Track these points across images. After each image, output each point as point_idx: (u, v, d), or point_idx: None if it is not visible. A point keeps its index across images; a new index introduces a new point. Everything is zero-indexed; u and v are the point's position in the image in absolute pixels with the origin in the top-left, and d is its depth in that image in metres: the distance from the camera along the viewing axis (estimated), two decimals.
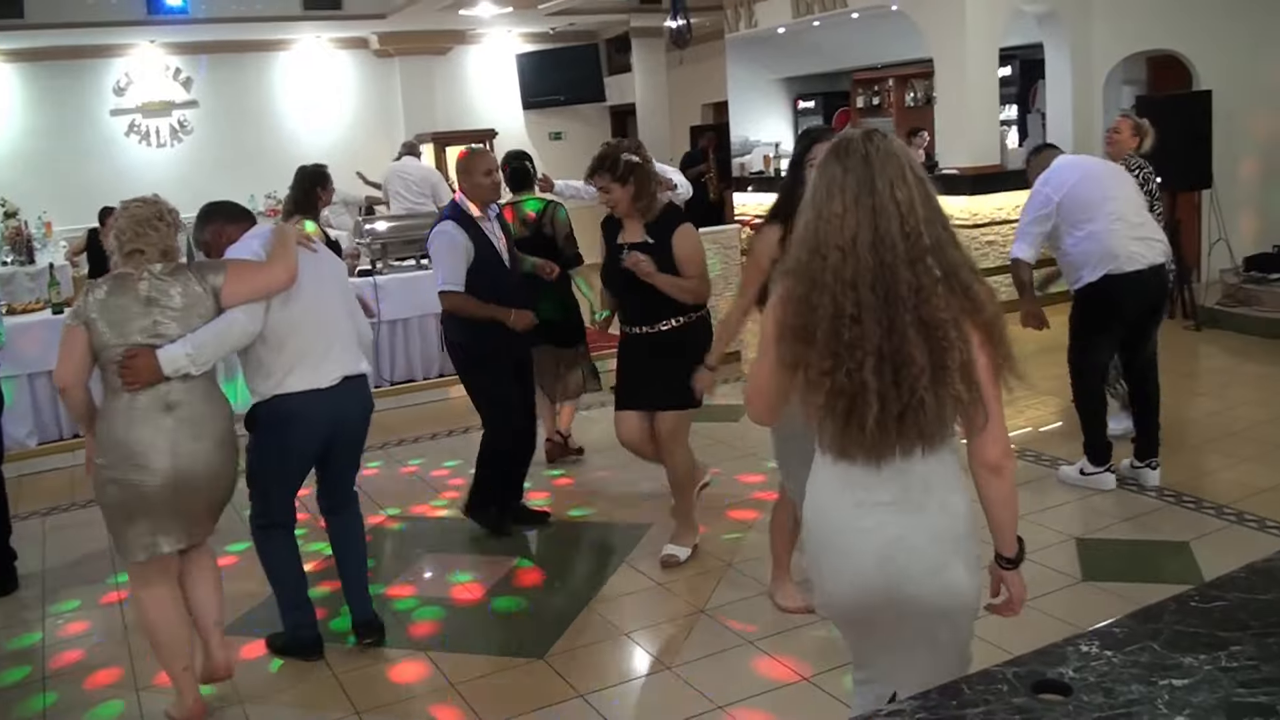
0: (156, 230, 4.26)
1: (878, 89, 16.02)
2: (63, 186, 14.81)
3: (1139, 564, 5.30)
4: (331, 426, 4.68)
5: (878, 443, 2.54)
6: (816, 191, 2.58)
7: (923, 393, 2.49)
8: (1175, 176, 10.24)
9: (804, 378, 2.56)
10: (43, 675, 4.99)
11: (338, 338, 4.69)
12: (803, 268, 2.55)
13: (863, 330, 2.48)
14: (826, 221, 2.53)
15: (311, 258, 4.63)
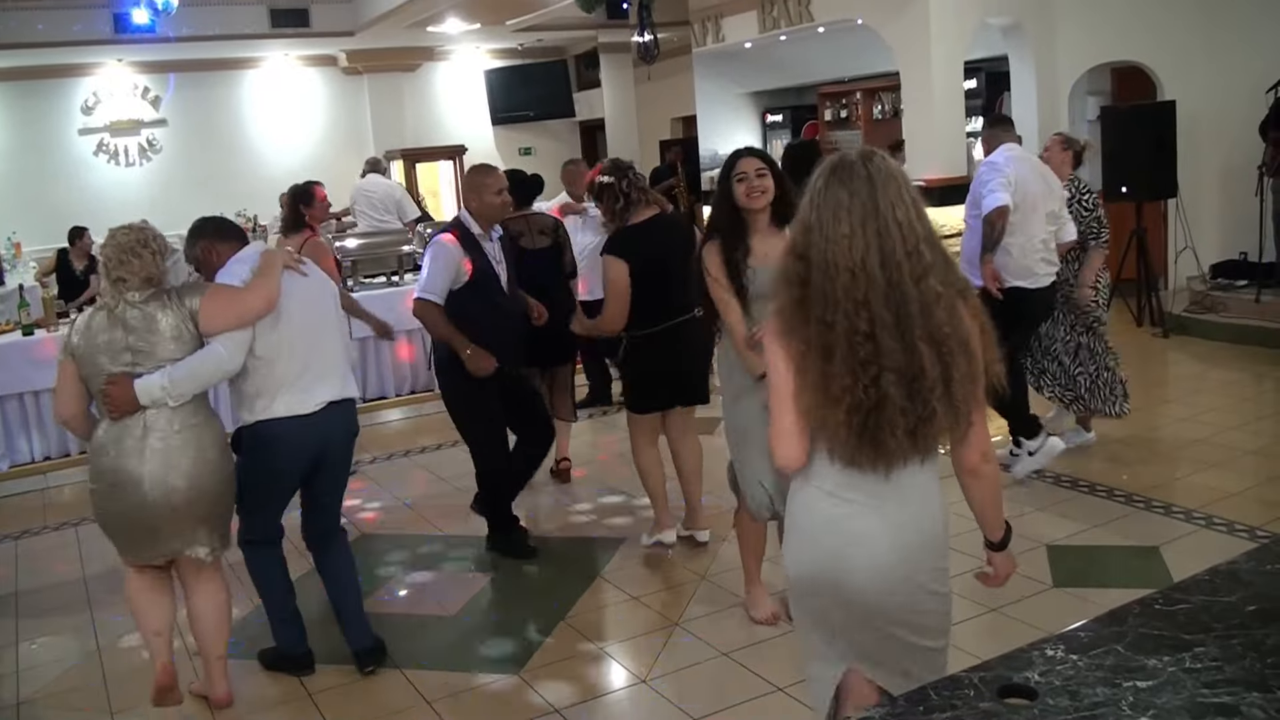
0: (139, 257, 4.27)
1: (845, 102, 16.08)
2: (31, 206, 14.78)
3: (1109, 569, 5.34)
4: (316, 450, 4.66)
5: (895, 453, 2.63)
6: (821, 213, 2.63)
7: (935, 404, 2.60)
8: (1141, 186, 10.35)
9: (823, 395, 2.61)
10: (16, 701, 4.96)
11: (325, 362, 4.66)
12: (815, 289, 2.61)
13: (878, 346, 2.56)
14: (834, 243, 2.59)
15: (301, 281, 4.60)
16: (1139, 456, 6.95)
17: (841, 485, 2.73)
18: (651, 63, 14.30)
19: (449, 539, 6.60)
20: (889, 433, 2.59)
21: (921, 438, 2.63)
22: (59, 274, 11.35)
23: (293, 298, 4.49)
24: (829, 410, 2.61)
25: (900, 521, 2.73)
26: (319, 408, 4.59)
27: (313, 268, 4.86)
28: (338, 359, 4.75)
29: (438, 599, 5.69)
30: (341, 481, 4.97)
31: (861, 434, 2.60)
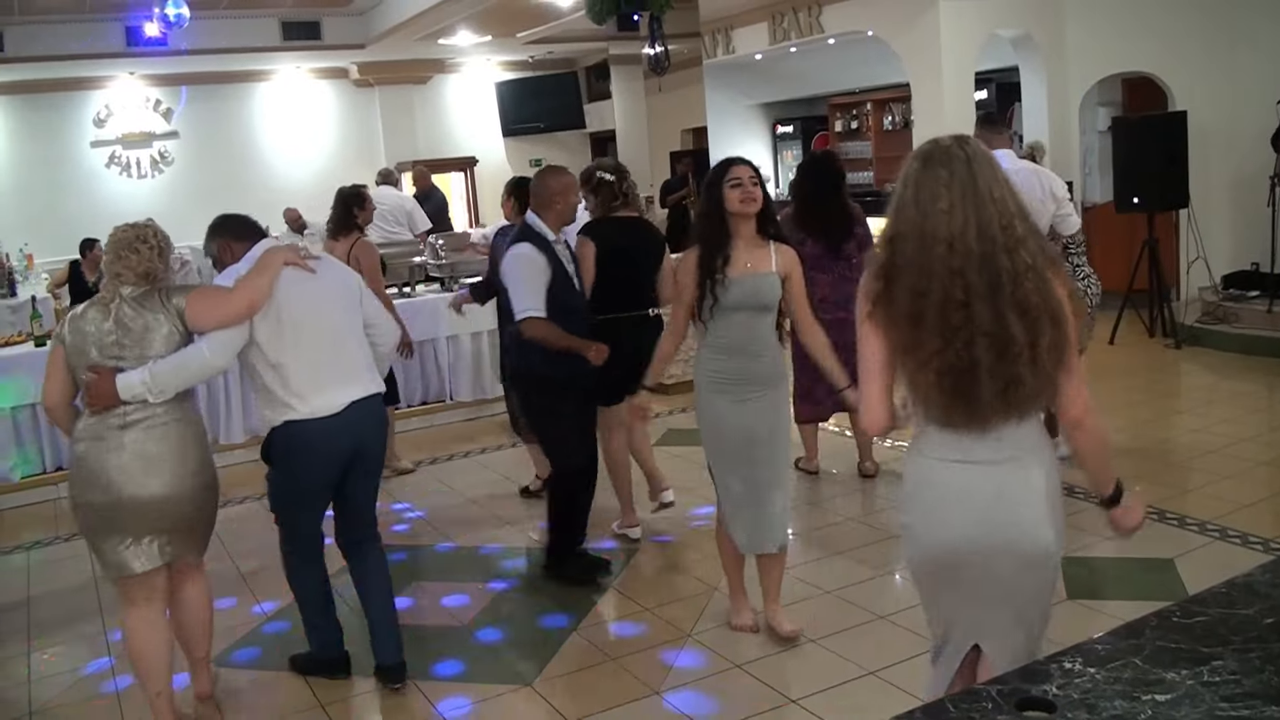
0: (137, 253, 4.29)
1: (856, 113, 16.12)
2: (44, 218, 14.83)
3: (1124, 581, 5.31)
4: (346, 452, 4.58)
5: (989, 413, 2.81)
6: (919, 191, 2.82)
7: (1022, 369, 2.76)
8: (1152, 196, 10.33)
9: (913, 359, 2.81)
10: (28, 710, 4.96)
11: (344, 361, 4.58)
12: (909, 260, 2.80)
13: (970, 313, 2.74)
14: (932, 218, 2.77)
15: (309, 279, 4.51)
16: (1152, 468, 6.92)
17: (942, 447, 2.92)
18: (663, 74, 14.30)
19: (461, 549, 6.59)
20: (980, 393, 2.77)
21: (1013, 399, 2.80)
22: (71, 285, 11.35)
23: (297, 299, 4.44)
24: (919, 373, 2.82)
25: (1009, 476, 2.89)
26: (342, 408, 4.50)
27: (330, 265, 4.79)
28: (355, 356, 4.64)
29: (450, 610, 5.68)
30: (373, 483, 4.88)
31: (954, 394, 2.80)
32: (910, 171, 2.86)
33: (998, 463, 2.88)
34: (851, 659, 4.67)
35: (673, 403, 9.48)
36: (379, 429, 4.77)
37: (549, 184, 5.76)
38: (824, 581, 5.51)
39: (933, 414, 2.88)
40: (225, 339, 4.31)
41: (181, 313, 4.26)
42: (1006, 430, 2.86)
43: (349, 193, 7.88)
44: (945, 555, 2.95)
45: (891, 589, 5.48)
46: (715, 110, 16.02)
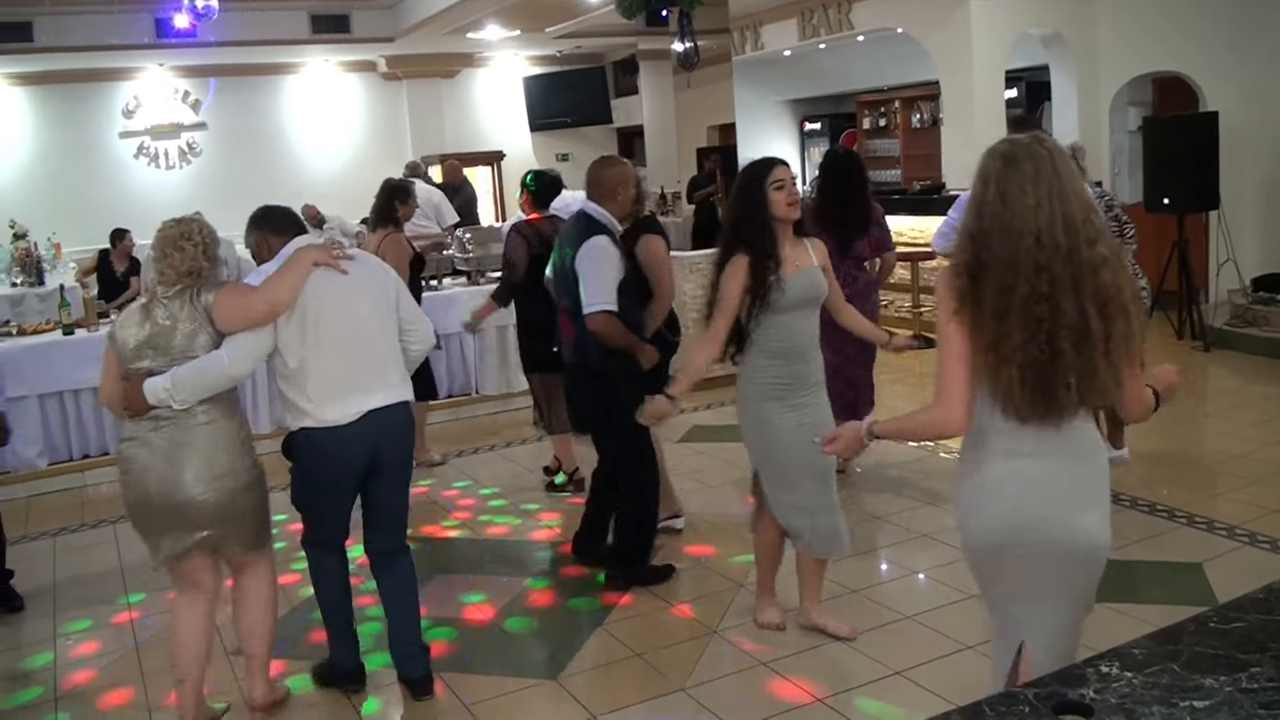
0: (181, 251, 4.25)
1: (884, 111, 16.07)
2: (72, 208, 14.90)
3: (1152, 585, 5.28)
4: (361, 460, 4.45)
5: (1065, 406, 2.88)
6: (1004, 188, 2.87)
7: (1098, 360, 2.84)
8: (1182, 197, 10.26)
9: (996, 354, 2.85)
10: (54, 696, 4.99)
11: (366, 367, 4.44)
12: (997, 256, 2.85)
13: (1055, 307, 2.80)
14: (1019, 214, 2.83)
15: (339, 279, 4.37)
16: (1180, 471, 6.89)
17: (1015, 442, 2.95)
18: (691, 70, 14.30)
19: (486, 542, 6.60)
20: (1059, 386, 2.84)
21: (1086, 391, 2.87)
22: (100, 275, 11.43)
23: (324, 299, 4.34)
24: (1002, 367, 2.86)
25: (1071, 470, 2.97)
26: (357, 417, 4.37)
27: (364, 264, 4.62)
28: (382, 362, 4.49)
29: (475, 602, 5.69)
30: (401, 495, 4.70)
31: (1035, 389, 2.84)
32: (992, 170, 2.92)
33: (1063, 457, 2.96)
34: (879, 659, 4.66)
35: (697, 399, 9.47)
36: (401, 438, 4.61)
37: (610, 174, 5.67)
38: (851, 581, 5.50)
39: (1009, 408, 2.91)
40: (246, 346, 4.24)
41: (209, 310, 4.21)
42: (1073, 424, 2.93)
43: (394, 185, 7.89)
44: (1009, 548, 2.99)
45: (918, 589, 5.46)
46: (743, 107, 15.98)
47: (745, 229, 4.57)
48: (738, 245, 4.57)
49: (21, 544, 6.99)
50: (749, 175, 4.64)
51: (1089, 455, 3.00)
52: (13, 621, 5.92)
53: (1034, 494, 2.95)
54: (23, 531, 7.29)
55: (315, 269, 4.31)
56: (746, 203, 4.59)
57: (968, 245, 2.93)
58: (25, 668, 5.36)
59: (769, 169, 4.60)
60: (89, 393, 8.51)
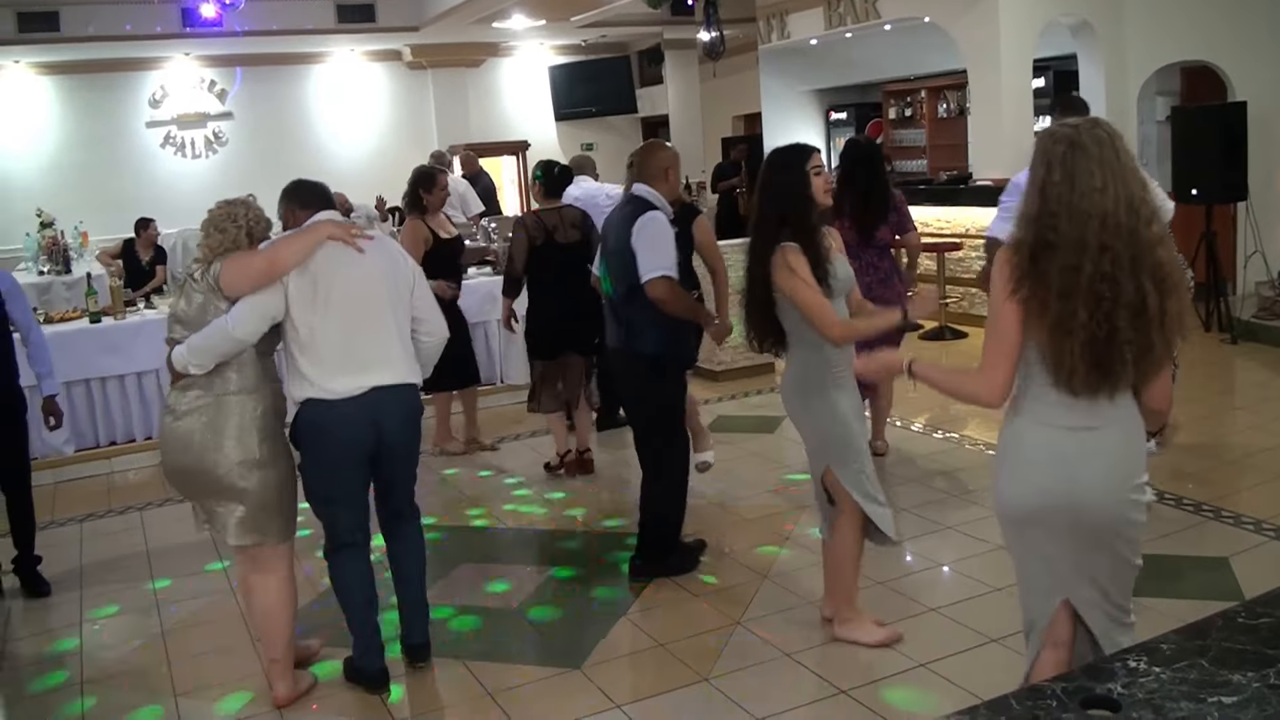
0: (222, 232, 4.39)
1: (910, 100, 16.01)
2: (99, 197, 14.99)
3: (1178, 580, 5.25)
4: (364, 438, 4.46)
5: (1120, 379, 3.01)
6: (1071, 170, 2.96)
7: (1154, 336, 2.97)
8: (1210, 188, 10.19)
9: (1060, 331, 2.96)
10: (80, 680, 5.03)
11: (372, 344, 4.46)
12: (1063, 237, 2.94)
13: (1116, 285, 2.92)
14: (1086, 196, 2.93)
15: (355, 258, 4.42)
16: (1206, 465, 6.84)
17: (1065, 415, 3.07)
18: (717, 59, 14.31)
19: (511, 531, 6.62)
20: (1117, 361, 2.96)
21: (1141, 365, 3.00)
22: (125, 264, 11.48)
23: (338, 275, 4.39)
24: (1065, 343, 2.96)
25: (1116, 441, 3.09)
26: (361, 392, 4.40)
27: (382, 248, 4.65)
28: (388, 342, 4.50)
29: (499, 591, 5.70)
30: (407, 468, 4.74)
31: (1094, 363, 2.96)
32: (1056, 154, 2.99)
33: (1112, 428, 3.08)
34: (903, 651, 4.64)
35: (721, 389, 9.48)
36: (406, 418, 4.60)
37: (659, 157, 5.62)
38: (876, 573, 5.48)
39: (1067, 383, 3.01)
40: (248, 311, 4.29)
41: (217, 279, 4.31)
42: (1121, 398, 3.07)
43: (420, 173, 7.98)
44: (1058, 517, 3.11)
45: (944, 582, 5.44)
46: (769, 96, 15.95)
47: (793, 214, 4.46)
48: (782, 231, 4.44)
49: (49, 529, 7.03)
50: (791, 160, 4.56)
51: (1134, 425, 3.13)
52: (40, 606, 5.97)
53: (1084, 463, 3.07)
54: (50, 517, 7.34)
55: (331, 243, 4.38)
56: (794, 187, 4.49)
57: (1030, 226, 3.02)
58: (52, 652, 5.40)
59: (808, 155, 4.57)
60: (116, 380, 8.58)
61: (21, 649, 5.51)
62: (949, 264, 11.68)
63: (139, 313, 9.03)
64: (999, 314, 3.06)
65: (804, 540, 5.99)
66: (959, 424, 8.02)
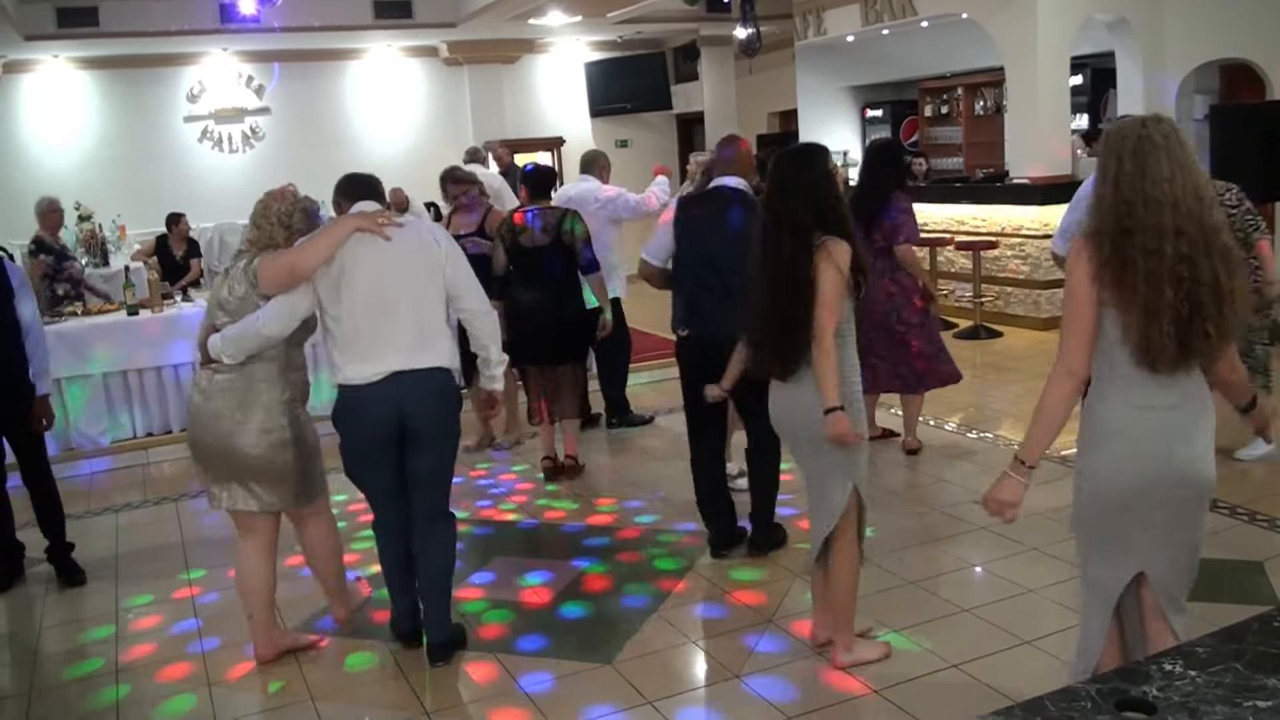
0: (258, 228, 4.68)
1: (946, 98, 15.92)
2: (136, 191, 15.07)
3: (1213, 583, 5.18)
4: (385, 423, 4.58)
5: (1193, 356, 3.18)
6: (1142, 161, 3.14)
7: (1226, 311, 3.14)
8: (1249, 187, 10.07)
9: (1148, 312, 3.10)
10: (115, 668, 5.08)
11: (392, 330, 4.55)
12: (1141, 223, 3.11)
13: (1194, 266, 3.09)
14: (1157, 184, 3.11)
15: (380, 245, 4.50)
16: (1242, 468, 6.78)
17: (1155, 394, 3.23)
18: (753, 56, 14.28)
19: (543, 526, 6.63)
20: (1198, 337, 3.12)
21: (1215, 340, 3.16)
22: (160, 258, 11.55)
23: (360, 263, 4.50)
24: (1155, 323, 3.10)
25: (1199, 413, 3.29)
26: (379, 377, 4.53)
27: (411, 234, 4.69)
28: (406, 327, 4.57)
29: (532, 586, 5.71)
30: (436, 460, 4.75)
31: (1180, 342, 3.12)
32: (1126, 147, 3.17)
33: (1189, 402, 3.26)
34: (935, 651, 4.63)
35: None
36: (427, 403, 4.64)
37: (744, 152, 5.86)
38: (909, 573, 5.47)
39: (1150, 360, 3.16)
40: (277, 310, 4.52)
41: (255, 274, 4.55)
42: (1195, 374, 3.26)
43: (443, 173, 8.39)
44: (1157, 492, 3.27)
45: (976, 583, 5.42)
46: (805, 93, 15.90)
47: (831, 215, 4.36)
48: (814, 234, 4.31)
49: (84, 519, 7.11)
50: (819, 157, 4.51)
51: (1208, 398, 3.32)
52: (74, 595, 6.03)
53: (1176, 438, 3.25)
54: (86, 508, 7.41)
55: (360, 234, 4.49)
56: (831, 184, 4.44)
57: (1107, 215, 3.18)
58: (86, 640, 5.46)
59: (827, 154, 4.60)
60: (152, 372, 8.65)
61: (56, 637, 5.57)
62: (985, 262, 11.63)
63: (176, 306, 9.09)
64: (1080, 300, 3.22)
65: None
66: (993, 424, 7.98)
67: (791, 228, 4.34)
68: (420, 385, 4.60)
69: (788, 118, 16.60)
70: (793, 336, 4.31)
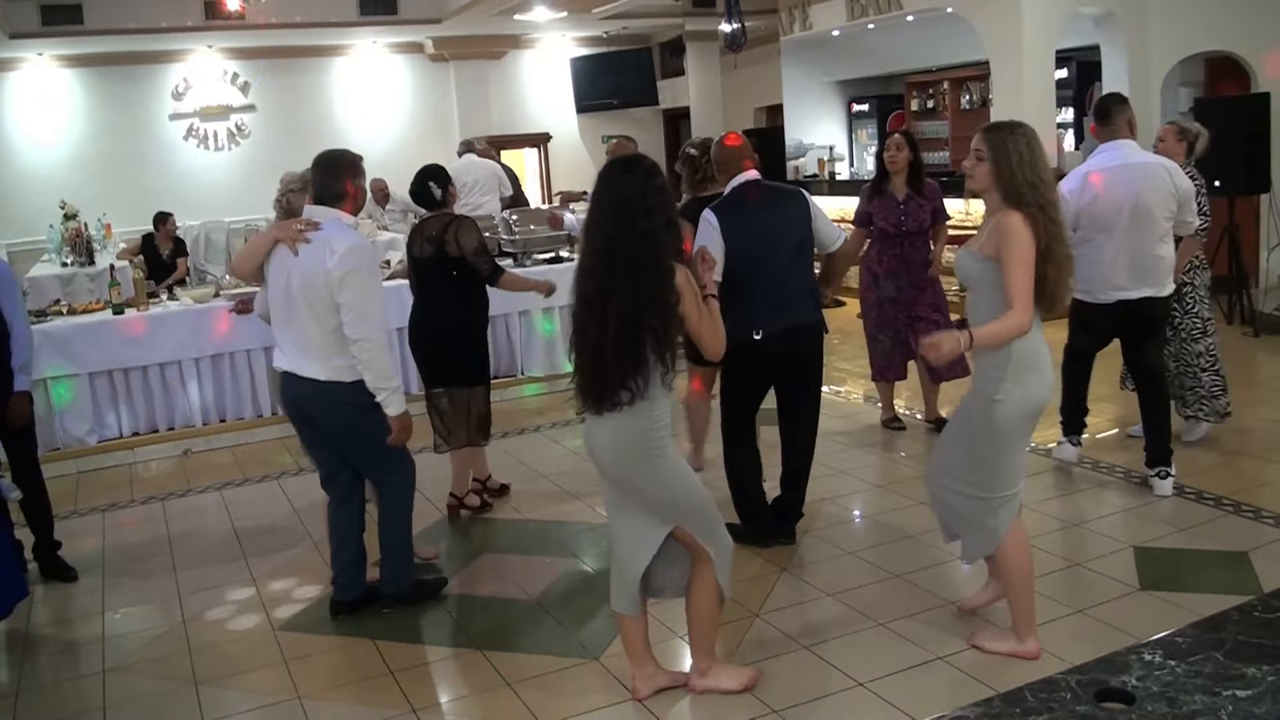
0: (275, 211, 5.77)
1: (932, 92, 15.91)
2: (122, 189, 15.07)
3: (1197, 573, 5.21)
4: (292, 408, 5.21)
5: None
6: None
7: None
8: (1233, 180, 10.12)
9: (1059, 270, 4.22)
10: (102, 669, 5.06)
11: (288, 334, 5.05)
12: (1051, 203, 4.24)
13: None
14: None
15: (288, 256, 4.94)
16: (1227, 458, 6.81)
17: (1039, 330, 4.26)
18: (739, 51, 14.28)
19: (530, 523, 6.63)
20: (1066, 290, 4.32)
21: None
22: (146, 257, 11.53)
23: (273, 269, 5.05)
24: (1061, 281, 4.21)
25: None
26: (281, 371, 5.15)
27: (317, 247, 4.87)
28: (298, 335, 5.00)
29: (519, 582, 5.71)
30: (356, 454, 5.24)
31: (1056, 296, 4.25)
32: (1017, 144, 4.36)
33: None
34: (919, 644, 4.63)
35: None
36: (319, 407, 5.08)
37: (734, 152, 5.81)
38: (892, 565, 5.48)
39: (1054, 308, 4.28)
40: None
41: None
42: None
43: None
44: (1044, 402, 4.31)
45: (958, 575, 5.42)
46: (791, 88, 15.91)
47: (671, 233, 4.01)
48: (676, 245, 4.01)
49: (71, 519, 7.09)
50: (638, 172, 4.00)
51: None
52: (62, 594, 6.02)
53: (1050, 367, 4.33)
54: (73, 507, 7.39)
55: (280, 243, 5.00)
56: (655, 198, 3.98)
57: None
58: (74, 640, 5.45)
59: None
60: (138, 371, 8.61)
61: (44, 636, 5.56)
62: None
63: (162, 305, 9.07)
64: (1030, 262, 4.10)
65: (821, 532, 6.01)
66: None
67: (649, 240, 3.96)
68: (304, 388, 5.07)
69: (775, 112, 16.61)
70: (637, 361, 3.91)
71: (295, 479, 7.72)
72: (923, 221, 7.51)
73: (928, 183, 7.59)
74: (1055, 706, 1.87)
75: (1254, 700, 1.86)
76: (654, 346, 3.86)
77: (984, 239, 4.31)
